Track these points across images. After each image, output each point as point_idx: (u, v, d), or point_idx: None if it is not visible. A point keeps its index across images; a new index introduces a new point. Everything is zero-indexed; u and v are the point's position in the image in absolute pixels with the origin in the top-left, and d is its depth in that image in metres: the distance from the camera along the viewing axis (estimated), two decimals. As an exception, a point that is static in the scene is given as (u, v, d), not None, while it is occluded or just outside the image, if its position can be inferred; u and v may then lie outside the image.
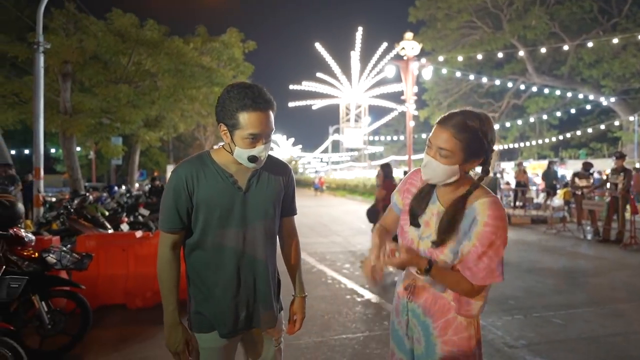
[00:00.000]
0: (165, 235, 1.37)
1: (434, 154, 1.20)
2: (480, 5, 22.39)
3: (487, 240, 1.18)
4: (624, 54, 19.20)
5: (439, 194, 1.31)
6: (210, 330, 1.38)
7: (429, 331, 1.29)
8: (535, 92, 23.10)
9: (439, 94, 27.74)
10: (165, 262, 1.37)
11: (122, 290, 4.03)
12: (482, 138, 1.18)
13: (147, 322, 3.65)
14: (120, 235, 4.64)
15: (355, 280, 5.04)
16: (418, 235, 1.31)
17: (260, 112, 1.25)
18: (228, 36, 13.89)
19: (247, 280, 1.38)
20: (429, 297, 1.30)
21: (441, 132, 1.19)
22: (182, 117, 16.49)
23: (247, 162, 1.31)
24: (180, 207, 1.33)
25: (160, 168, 32.23)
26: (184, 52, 12.53)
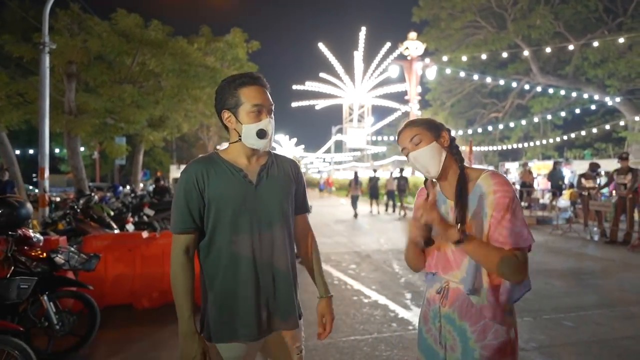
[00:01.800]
0: (178, 238, 1.32)
1: (413, 147, 1.28)
2: (484, 4, 22.30)
3: (501, 205, 1.18)
4: (629, 54, 19.07)
5: (445, 192, 1.33)
6: (231, 338, 1.31)
7: (465, 336, 1.22)
8: (540, 92, 22.98)
9: (442, 94, 27.66)
10: (178, 266, 1.30)
11: (129, 291, 4.02)
12: (432, 121, 1.33)
13: (154, 323, 3.64)
14: (127, 235, 4.63)
15: (361, 282, 5.01)
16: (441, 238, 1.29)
17: (259, 86, 1.33)
18: (232, 36, 13.89)
19: (266, 278, 1.33)
20: (464, 300, 1.23)
21: (404, 133, 1.32)
22: (185, 117, 16.50)
23: (256, 140, 1.31)
24: (192, 206, 1.31)
25: (163, 168, 32.31)
26: (188, 52, 12.54)
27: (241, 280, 1.31)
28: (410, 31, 20.17)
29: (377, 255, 6.69)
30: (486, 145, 29.28)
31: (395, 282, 5.00)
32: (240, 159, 1.36)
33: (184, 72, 12.04)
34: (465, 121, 29.24)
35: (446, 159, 1.28)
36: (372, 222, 11.58)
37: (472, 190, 1.25)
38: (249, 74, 1.34)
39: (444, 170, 1.29)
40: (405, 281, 5.06)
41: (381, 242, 7.81)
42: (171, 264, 1.31)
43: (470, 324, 1.22)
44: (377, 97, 26.14)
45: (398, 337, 3.31)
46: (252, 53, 14.91)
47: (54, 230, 5.45)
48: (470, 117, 29.67)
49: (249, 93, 1.31)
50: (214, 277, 1.33)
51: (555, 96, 22.75)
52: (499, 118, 28.04)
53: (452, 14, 23.31)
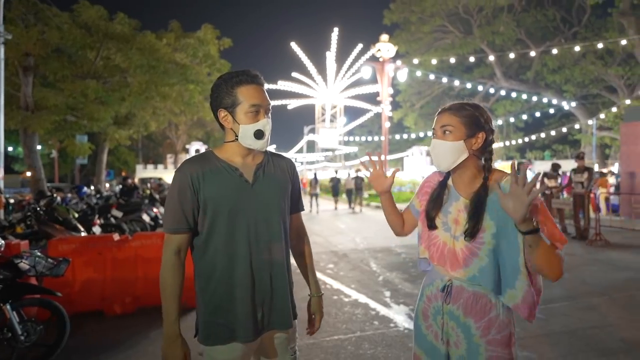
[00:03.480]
0: (170, 238, 1.29)
1: (440, 136, 1.27)
2: (452, 10, 23.07)
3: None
4: (583, 61, 20.37)
5: (459, 189, 1.31)
6: (228, 340, 1.28)
7: (470, 332, 1.24)
8: (503, 95, 24.08)
9: (412, 96, 28.35)
10: (169, 267, 1.27)
11: (99, 297, 3.81)
12: (479, 116, 1.27)
13: (127, 330, 3.46)
14: (97, 238, 4.38)
15: (340, 281, 5.02)
16: (451, 236, 1.30)
17: (256, 85, 1.30)
18: (203, 32, 13.55)
19: (263, 278, 1.31)
20: (469, 297, 1.25)
21: (442, 115, 1.29)
22: (153, 115, 15.94)
23: (253, 140, 1.28)
24: (185, 206, 1.27)
25: (129, 168, 30.99)
26: (156, 47, 12.10)
27: (238, 280, 1.28)
28: (382, 33, 20.50)
29: (354, 255, 6.74)
30: (453, 146, 30.28)
31: (373, 281, 5.05)
32: (236, 158, 1.33)
33: (152, 68, 11.60)
34: (433, 123, 30.08)
35: (467, 159, 1.26)
36: (341, 219, 11.68)
37: (492, 191, 1.23)
38: (246, 71, 1.30)
39: (461, 168, 1.28)
40: (383, 279, 5.13)
41: (357, 242, 7.88)
42: (162, 265, 1.28)
43: (475, 320, 1.24)
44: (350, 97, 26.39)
45: (381, 335, 3.33)
46: (223, 50, 14.62)
47: (12, 234, 5.07)
48: (439, 118, 30.54)
49: (246, 92, 1.27)
50: (210, 277, 1.29)
51: (517, 100, 23.91)
52: (466, 120, 29.07)
53: (422, 18, 23.93)
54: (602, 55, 20.58)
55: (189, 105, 14.20)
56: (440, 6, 22.57)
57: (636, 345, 3.12)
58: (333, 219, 12.66)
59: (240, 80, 1.28)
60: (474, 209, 1.23)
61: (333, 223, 11.40)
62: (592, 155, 21.06)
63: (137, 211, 7.85)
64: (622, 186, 11.32)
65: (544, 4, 22.57)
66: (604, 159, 24.16)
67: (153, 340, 3.26)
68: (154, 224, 8.32)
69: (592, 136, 21.34)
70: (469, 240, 1.24)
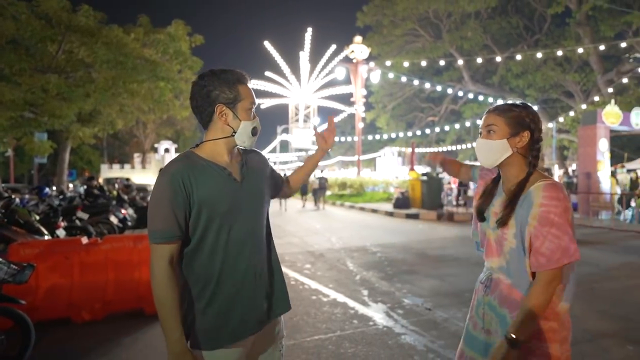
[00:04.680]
0: (162, 248, 1.18)
1: (483, 136, 1.33)
2: (423, 14, 23.68)
3: (545, 220, 1.19)
4: (544, 68, 21.49)
5: (504, 185, 1.37)
6: (230, 342, 1.25)
7: (506, 321, 1.28)
8: (471, 98, 24.97)
9: (384, 97, 28.83)
10: (164, 280, 1.16)
11: (66, 303, 3.60)
12: (524, 117, 1.29)
13: (97, 337, 3.30)
14: (63, 242, 4.14)
15: (318, 281, 5.03)
16: (489, 227, 1.37)
17: (248, 85, 1.32)
18: (174, 29, 13.13)
19: (264, 270, 1.34)
20: (504, 289, 1.31)
21: (488, 116, 1.33)
22: (120, 113, 15.28)
23: (249, 137, 1.31)
24: (178, 212, 1.18)
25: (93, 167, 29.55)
26: (124, 42, 11.61)
27: (242, 279, 1.27)
28: (355, 35, 20.73)
29: (330, 254, 6.76)
30: (424, 146, 31.13)
31: (351, 280, 5.09)
32: (221, 157, 1.30)
33: (120, 63, 11.12)
34: (405, 124, 30.77)
35: (511, 157, 1.30)
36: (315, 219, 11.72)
37: (525, 193, 1.27)
38: (240, 71, 1.32)
39: (506, 166, 1.32)
40: (360, 278, 5.18)
41: (333, 241, 7.92)
42: (155, 278, 1.17)
43: (509, 310, 1.28)
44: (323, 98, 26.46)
45: (360, 334, 3.37)
46: (195, 48, 14.25)
47: (-35, 239, 4.70)
48: (410, 119, 31.30)
49: (246, 91, 1.29)
50: (207, 282, 1.25)
51: (484, 103, 24.84)
52: (435, 122, 29.96)
53: (394, 22, 24.40)
54: (561, 62, 21.79)
55: (159, 103, 13.73)
56: (411, 10, 23.10)
57: (598, 335, 3.32)
58: (306, 218, 12.66)
59: (238, 78, 1.29)
60: (507, 201, 1.29)
61: (308, 223, 11.39)
62: (552, 157, 22.27)
63: (105, 213, 7.50)
64: (579, 186, 12.02)
65: (508, 12, 23.63)
66: (563, 160, 25.60)
67: (126, 346, 3.13)
68: (122, 226, 7.98)
69: (552, 138, 22.53)
70: (497, 229, 1.31)
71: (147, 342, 3.23)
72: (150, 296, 3.74)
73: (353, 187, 19.40)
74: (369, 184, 19.65)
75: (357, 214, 14.04)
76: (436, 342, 3.19)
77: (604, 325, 3.52)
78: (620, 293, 4.46)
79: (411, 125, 30.89)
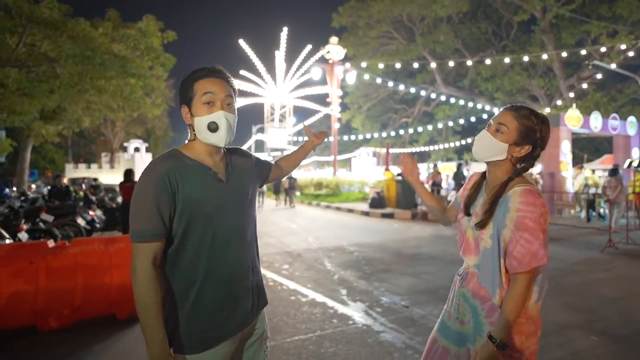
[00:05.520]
0: (144, 247, 1.13)
1: (492, 130, 1.33)
2: (397, 17, 24.13)
3: (521, 225, 1.24)
4: (511, 72, 22.43)
5: (487, 186, 1.43)
6: (212, 344, 1.23)
7: (477, 312, 1.36)
8: (443, 101, 25.68)
9: (360, 98, 29.16)
10: (146, 280, 1.12)
11: (30, 310, 3.40)
12: (537, 131, 1.31)
13: (65, 345, 3.15)
14: (27, 245, 3.91)
15: (296, 281, 5.01)
16: (469, 225, 1.43)
17: (214, 78, 1.24)
18: (145, 24, 12.71)
19: (249, 268, 1.33)
20: (476, 283, 1.38)
21: (506, 113, 1.33)
22: (87, 110, 14.63)
23: (208, 134, 1.22)
24: (163, 210, 1.15)
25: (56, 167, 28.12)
26: (91, 36, 11.12)
27: (227, 279, 1.25)
28: (331, 35, 20.83)
29: (308, 254, 6.75)
30: (398, 147, 31.71)
31: (329, 279, 5.10)
32: (205, 156, 1.28)
33: (87, 58, 10.64)
34: (379, 124, 31.25)
35: (503, 162, 1.34)
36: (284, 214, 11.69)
37: (503, 197, 1.32)
38: (208, 66, 1.27)
39: (494, 166, 1.37)
40: (338, 278, 5.20)
41: (310, 241, 7.91)
42: (137, 279, 1.13)
43: (480, 303, 1.36)
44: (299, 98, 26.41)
45: (340, 333, 3.38)
46: (167, 44, 13.86)
47: None
48: (384, 120, 31.80)
49: (203, 84, 1.23)
50: (192, 284, 1.21)
51: (455, 105, 25.63)
52: (409, 123, 30.60)
53: (369, 23, 24.72)
54: (527, 68, 22.82)
55: (129, 101, 13.24)
56: (385, 13, 23.49)
57: (564, 327, 3.49)
58: (281, 217, 12.60)
59: (200, 74, 1.24)
60: (488, 205, 1.34)
61: (284, 223, 11.33)
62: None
63: (71, 214, 7.15)
64: (544, 185, 12.61)
65: (477, 17, 24.48)
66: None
67: (97, 354, 3.00)
68: (90, 229, 7.64)
69: (518, 140, 23.50)
70: (475, 231, 1.36)
71: (121, 348, 3.11)
72: (123, 301, 3.63)
73: (329, 187, 19.50)
74: (344, 184, 19.79)
75: (334, 213, 14.11)
76: (414, 338, 3.25)
77: (570, 317, 3.71)
78: (583, 287, 4.71)
79: (386, 126, 31.39)
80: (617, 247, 6.91)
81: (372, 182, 17.77)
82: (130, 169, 7.64)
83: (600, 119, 14.16)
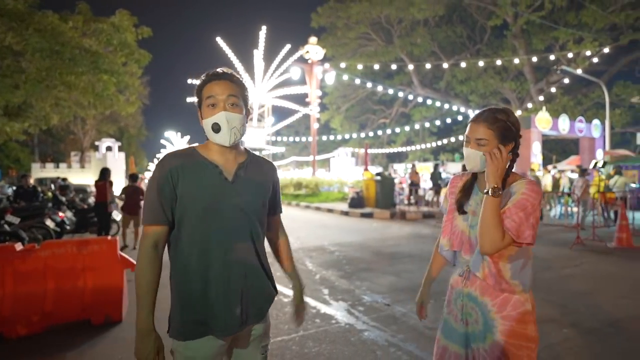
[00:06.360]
0: (148, 230, 1.28)
1: (473, 146, 1.38)
2: (376, 19, 24.42)
3: (520, 204, 1.31)
4: (485, 75, 23.15)
5: (480, 186, 1.46)
6: (200, 335, 1.27)
7: (486, 309, 1.38)
8: (420, 102, 26.18)
9: (338, 99, 29.33)
10: (146, 261, 1.26)
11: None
12: (511, 126, 1.37)
13: (35, 353, 2.99)
14: (-9, 248, 3.69)
15: (278, 281, 4.86)
16: (468, 225, 1.44)
17: (218, 81, 1.32)
18: (118, 19, 12.26)
19: (238, 275, 1.31)
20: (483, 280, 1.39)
21: (476, 126, 1.37)
22: (56, 107, 13.97)
23: (213, 135, 1.31)
24: (164, 200, 1.28)
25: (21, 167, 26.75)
26: (60, 30, 10.62)
27: (212, 277, 1.28)
28: (310, 35, 20.82)
29: (289, 254, 6.72)
30: (376, 147, 32.09)
31: (310, 279, 5.09)
32: (217, 155, 1.35)
33: (55, 53, 10.17)
34: (358, 125, 31.52)
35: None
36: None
37: (507, 189, 1.37)
38: (215, 71, 1.35)
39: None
40: (320, 277, 5.20)
41: (290, 241, 7.84)
42: (138, 259, 1.28)
43: (490, 299, 1.38)
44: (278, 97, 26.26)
45: (323, 332, 3.38)
46: (142, 40, 13.43)
47: None
48: (363, 121, 32.10)
49: (208, 88, 1.31)
50: (185, 272, 1.29)
51: (431, 107, 26.21)
52: (387, 123, 31.02)
53: (348, 24, 24.90)
54: (499, 71, 23.62)
55: (101, 98, 12.72)
56: (364, 14, 23.73)
57: (539, 321, 3.55)
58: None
59: (208, 79, 1.32)
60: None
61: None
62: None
63: (39, 216, 6.82)
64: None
65: (453, 21, 25.13)
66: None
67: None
68: (60, 231, 7.31)
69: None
70: (476, 227, 1.37)
71: (96, 354, 2.98)
72: (98, 305, 3.49)
73: (308, 187, 19.48)
74: (324, 184, 19.83)
75: (313, 213, 14.11)
76: (396, 336, 3.29)
77: (543, 311, 3.85)
78: (555, 282, 4.91)
79: (364, 127, 31.70)
80: (585, 243, 7.25)
81: (351, 182, 17.86)
82: (106, 167, 7.40)
83: (568, 122, 14.81)
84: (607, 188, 10.05)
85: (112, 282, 3.57)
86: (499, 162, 1.31)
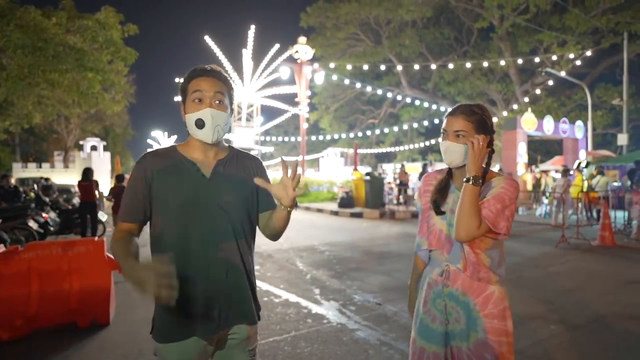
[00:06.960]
0: (123, 226, 1.30)
1: (451, 139, 1.39)
2: (364, 20, 24.53)
3: (498, 196, 1.33)
4: (472, 77, 23.47)
5: (456, 184, 1.46)
6: (181, 337, 1.25)
7: (469, 308, 1.38)
8: (408, 102, 26.40)
9: (327, 99, 29.35)
10: (117, 238, 1.26)
11: (-23, 322, 3.12)
12: (486, 120, 1.40)
13: (17, 358, 2.90)
14: (-29, 250, 3.57)
15: (268, 282, 4.94)
16: (447, 224, 1.42)
17: (205, 77, 1.30)
18: (104, 15, 12.03)
19: (219, 274, 1.27)
20: (465, 278, 1.39)
21: (454, 119, 1.39)
22: (38, 105, 13.62)
23: (196, 130, 1.28)
24: (138, 198, 1.28)
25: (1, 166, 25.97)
26: (44, 26, 10.37)
27: (191, 276, 1.24)
28: (300, 35, 20.79)
29: (279, 255, 6.69)
30: (365, 147, 32.23)
31: (301, 279, 5.08)
32: (196, 153, 1.33)
33: (38, 49, 9.92)
34: (347, 125, 31.61)
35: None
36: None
37: (486, 185, 1.39)
38: (202, 66, 1.33)
39: (463, 166, 1.41)
40: (311, 277, 5.19)
41: (280, 241, 7.83)
42: (112, 237, 1.29)
43: (473, 297, 1.38)
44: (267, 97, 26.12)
45: (315, 332, 3.37)
46: (128, 38, 13.19)
47: None
48: (352, 121, 32.20)
49: (194, 83, 1.29)
50: None
51: (419, 107, 26.44)
52: (375, 124, 31.19)
53: (337, 25, 24.94)
54: (486, 73, 23.96)
55: (86, 96, 12.45)
56: (353, 15, 23.81)
57: (526, 318, 3.68)
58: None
59: (194, 74, 1.30)
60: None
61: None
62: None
63: (22, 217, 6.63)
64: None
65: (441, 23, 25.40)
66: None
67: None
68: (43, 232, 7.12)
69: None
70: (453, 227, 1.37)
71: (83, 358, 2.91)
72: (84, 308, 3.42)
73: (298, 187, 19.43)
74: (313, 183, 19.81)
75: (303, 213, 14.08)
76: (388, 335, 3.30)
77: (530, 308, 3.92)
78: (541, 279, 5.01)
79: (353, 127, 31.79)
80: (569, 242, 7.41)
81: (341, 182, 17.88)
82: (88, 167, 7.26)
83: (552, 123, 15.11)
84: (590, 188, 10.30)
85: (99, 284, 3.49)
86: (479, 151, 1.33)
